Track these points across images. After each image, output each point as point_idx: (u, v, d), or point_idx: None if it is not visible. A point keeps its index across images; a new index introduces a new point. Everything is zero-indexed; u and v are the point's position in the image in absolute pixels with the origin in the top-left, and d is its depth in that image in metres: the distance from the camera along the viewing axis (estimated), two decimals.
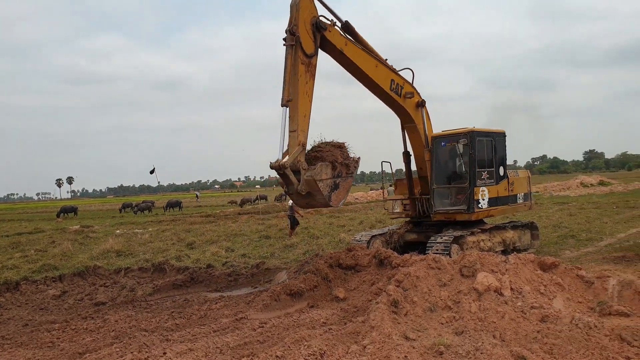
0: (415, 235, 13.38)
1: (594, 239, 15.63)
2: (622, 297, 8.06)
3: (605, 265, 10.39)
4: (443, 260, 8.65)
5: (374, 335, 6.41)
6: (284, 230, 21.82)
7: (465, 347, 6.25)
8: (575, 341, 6.37)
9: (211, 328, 7.86)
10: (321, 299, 9.22)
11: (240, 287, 11.18)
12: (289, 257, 14.65)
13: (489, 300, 7.55)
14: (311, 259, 10.74)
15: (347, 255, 10.42)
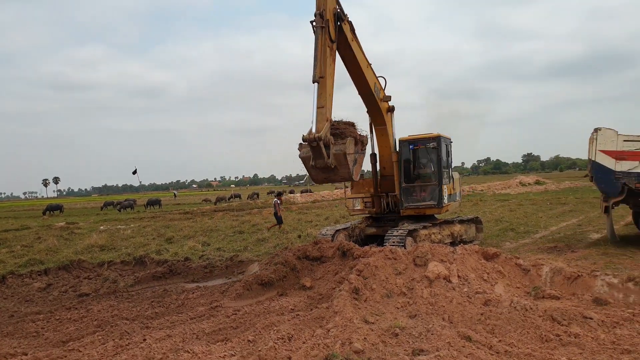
0: (374, 229, 13.49)
1: (530, 231, 15.88)
2: (554, 283, 8.27)
3: (540, 254, 10.58)
4: (398, 251, 8.73)
5: (337, 320, 6.41)
6: (256, 225, 21.65)
7: (418, 328, 6.31)
8: (513, 322, 6.49)
9: (188, 316, 7.74)
10: (290, 287, 9.18)
11: (216, 278, 11.03)
12: (260, 250, 14.53)
13: (439, 287, 7.64)
14: (281, 252, 10.68)
15: (314, 248, 10.40)
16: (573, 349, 5.64)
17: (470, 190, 43.61)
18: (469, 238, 13.85)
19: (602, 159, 11.03)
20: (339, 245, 10.13)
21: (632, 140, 10.86)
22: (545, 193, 37.76)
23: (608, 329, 6.19)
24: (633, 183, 10.79)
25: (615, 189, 10.99)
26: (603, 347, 5.63)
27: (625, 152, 10.84)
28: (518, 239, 14.57)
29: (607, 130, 11.04)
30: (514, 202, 28.57)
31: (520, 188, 46.85)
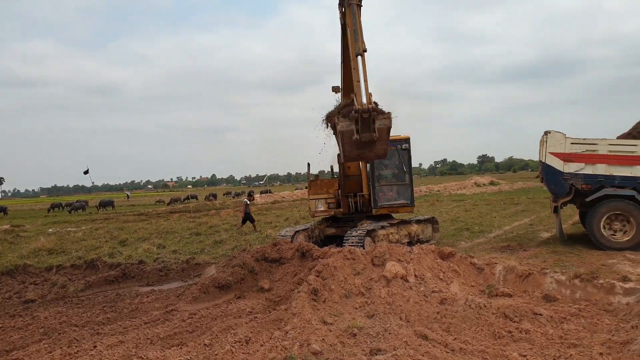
0: (334, 230, 13.58)
1: (484, 231, 16.24)
2: (507, 281, 8.56)
3: (494, 253, 10.84)
4: (357, 252, 8.81)
5: (295, 321, 6.41)
6: (214, 227, 21.38)
7: (376, 328, 6.38)
8: (468, 320, 6.66)
9: (142, 320, 7.53)
10: (248, 290, 9.10)
11: (171, 281, 10.79)
12: (218, 252, 14.33)
13: (396, 286, 7.77)
14: (239, 254, 10.55)
15: (273, 249, 10.35)
16: (524, 344, 5.84)
17: (427, 191, 44.51)
18: (425, 238, 14.11)
19: (552, 160, 11.50)
20: (298, 247, 10.12)
21: (579, 143, 11.38)
22: (499, 193, 38.74)
23: (556, 324, 6.46)
24: (579, 184, 11.30)
25: (564, 189, 11.47)
26: (551, 342, 5.86)
27: (572, 154, 11.34)
28: (473, 239, 14.89)
29: (556, 133, 11.52)
30: (469, 202, 29.18)
31: (475, 188, 47.85)
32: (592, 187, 11.27)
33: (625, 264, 8.99)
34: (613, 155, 11.14)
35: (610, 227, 11.17)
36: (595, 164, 11.22)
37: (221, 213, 30.27)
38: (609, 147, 11.23)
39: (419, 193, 41.61)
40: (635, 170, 10.92)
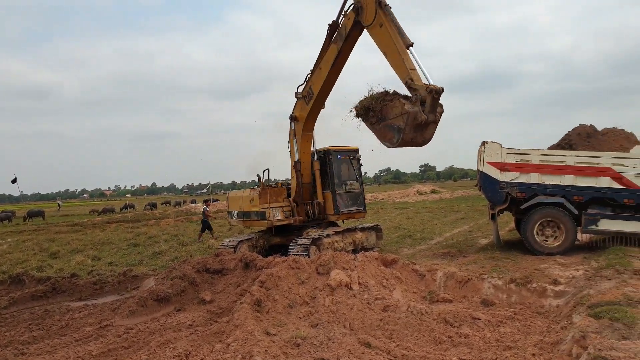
0: (279, 239, 13.52)
1: (426, 238, 16.67)
2: (447, 287, 8.82)
3: (435, 260, 11.17)
4: (302, 261, 8.81)
5: (238, 333, 6.32)
6: (153, 237, 20.71)
7: (320, 337, 6.39)
8: (410, 326, 6.81)
9: (73, 338, 7.15)
10: (188, 302, 8.89)
11: (106, 295, 10.32)
12: (157, 264, 13.88)
13: (341, 294, 7.82)
14: (179, 265, 10.29)
15: (215, 260, 10.19)
16: (463, 348, 6.03)
17: (372, 199, 45.16)
18: (369, 245, 14.30)
19: (489, 169, 12.02)
20: (241, 257, 10.02)
21: (514, 152, 11.96)
22: (440, 201, 39.85)
23: (493, 328, 6.72)
24: (515, 192, 11.87)
25: (500, 197, 12.00)
26: (489, 345, 6.09)
27: (508, 163, 11.90)
28: (415, 245, 15.23)
29: (493, 144, 12.06)
30: (412, 210, 29.84)
31: (417, 197, 48.87)
32: (526, 195, 11.83)
33: (556, 268, 9.49)
34: (545, 164, 11.74)
35: (543, 233, 11.76)
36: (529, 173, 11.79)
37: (161, 223, 29.41)
38: (541, 157, 11.83)
39: None
40: (564, 179, 11.55)
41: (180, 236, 20.89)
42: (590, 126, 13.54)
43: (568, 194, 11.52)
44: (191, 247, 17.15)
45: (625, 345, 4.57)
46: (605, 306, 5.88)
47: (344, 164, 14.01)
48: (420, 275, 9.16)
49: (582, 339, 4.86)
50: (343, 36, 11.63)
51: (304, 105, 13.08)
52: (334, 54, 11.92)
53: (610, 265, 8.72)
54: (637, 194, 11.02)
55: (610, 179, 11.18)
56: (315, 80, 12.59)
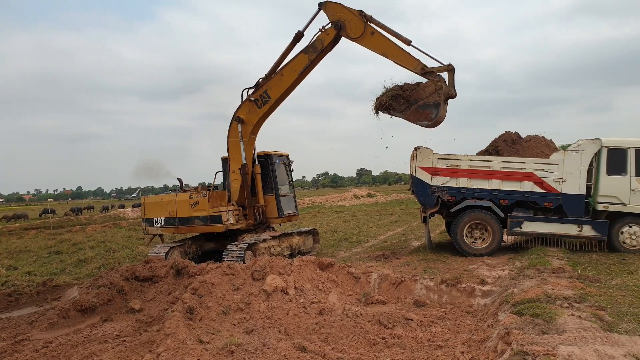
0: (212, 245, 13.30)
1: (362, 241, 16.99)
2: (381, 288, 9.04)
3: (370, 262, 11.37)
4: (236, 266, 8.72)
5: (169, 342, 6.16)
6: (78, 244, 19.67)
7: (254, 344, 6.36)
8: (345, 328, 6.92)
9: None
10: (116, 312, 8.53)
11: (23, 307, 9.62)
12: (82, 272, 13.19)
13: (276, 300, 7.81)
14: (106, 273, 9.85)
15: (144, 267, 9.84)
16: (396, 349, 6.21)
17: (309, 203, 45.38)
18: (306, 249, 14.40)
19: (421, 174, 12.49)
20: (172, 264, 9.75)
21: (444, 158, 12.51)
22: (376, 205, 40.53)
23: (425, 328, 6.97)
24: (445, 196, 12.38)
25: (432, 201, 12.48)
26: (421, 345, 6.31)
27: (439, 168, 12.42)
28: (351, 248, 15.49)
29: (425, 149, 12.54)
30: (349, 214, 30.27)
31: (354, 200, 49.51)
32: (456, 199, 12.40)
33: (483, 268, 9.98)
34: (473, 169, 12.36)
35: (472, 235, 12.33)
36: (458, 177, 12.37)
37: (87, 229, 28.02)
38: (470, 162, 12.44)
39: (302, 205, 42.41)
40: (491, 183, 12.20)
41: (108, 242, 20.01)
42: (515, 133, 14.34)
43: (495, 197, 12.16)
44: (120, 254, 16.49)
45: (545, 339, 4.88)
46: (527, 304, 6.24)
47: (280, 169, 14.35)
48: (356, 278, 9.32)
49: (506, 336, 5.13)
50: (318, 49, 12.41)
51: (254, 109, 13.12)
52: (304, 63, 12.51)
53: (532, 264, 9.28)
54: (556, 197, 11.83)
55: (532, 183, 11.93)
56: (274, 86, 12.87)
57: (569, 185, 11.78)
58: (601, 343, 4.63)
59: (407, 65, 11.79)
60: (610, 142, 11.82)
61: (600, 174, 11.75)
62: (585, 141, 11.94)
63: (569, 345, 4.58)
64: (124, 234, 24.34)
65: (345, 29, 12.06)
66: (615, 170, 11.66)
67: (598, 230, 11.64)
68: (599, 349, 4.44)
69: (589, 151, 11.80)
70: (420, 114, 11.56)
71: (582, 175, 11.79)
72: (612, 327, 5.27)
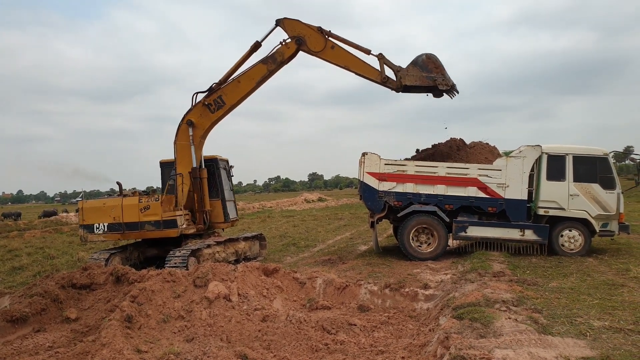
0: (155, 251, 12.87)
1: (310, 245, 16.87)
2: (326, 293, 8.96)
3: (316, 267, 11.34)
4: (178, 273, 8.45)
5: (105, 353, 5.88)
6: (14, 251, 18.56)
7: (194, 352, 6.19)
8: (288, 335, 6.81)
9: None
10: (50, 322, 8.07)
11: None
12: (15, 280, 12.43)
13: (219, 307, 7.60)
14: (40, 281, 9.30)
15: (82, 274, 9.35)
16: (338, 355, 6.14)
17: (260, 207, 44.94)
18: (253, 254, 14.18)
19: (368, 179, 12.54)
20: (112, 270, 9.32)
21: (391, 164, 12.61)
22: (326, 209, 40.69)
23: (368, 333, 6.94)
24: (392, 201, 12.48)
25: (379, 206, 12.55)
26: (363, 351, 6.27)
27: (386, 174, 12.51)
28: (299, 253, 15.37)
29: (372, 155, 12.61)
30: (299, 218, 30.13)
31: (305, 204, 49.35)
32: (403, 204, 12.50)
33: (427, 272, 10.09)
34: (419, 175, 12.49)
35: (418, 239, 12.48)
36: (405, 183, 12.47)
37: (25, 235, 26.58)
38: (415, 168, 12.58)
39: (252, 210, 41.99)
40: (436, 189, 12.38)
41: (47, 248, 18.99)
42: (460, 139, 14.67)
43: (440, 202, 12.34)
44: (58, 260, 15.69)
45: (482, 343, 4.93)
46: (467, 307, 6.32)
47: (224, 173, 14.18)
48: (301, 283, 9.20)
49: (446, 340, 5.16)
50: (277, 61, 12.74)
51: (206, 113, 12.96)
52: (262, 73, 12.76)
53: (474, 268, 9.47)
54: (500, 202, 12.14)
55: (477, 188, 12.17)
56: (229, 92, 12.90)
57: (511, 191, 12.08)
58: (535, 345, 4.72)
59: (369, 75, 12.46)
60: (550, 148, 12.20)
61: (540, 180, 12.11)
62: (526, 147, 12.28)
63: (505, 349, 4.65)
64: (65, 239, 23.22)
65: (306, 44, 12.49)
66: (555, 176, 12.04)
67: (539, 234, 11.98)
68: (533, 351, 4.52)
69: (530, 157, 12.16)
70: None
71: (524, 180, 12.12)
72: (546, 329, 5.39)
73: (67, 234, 26.45)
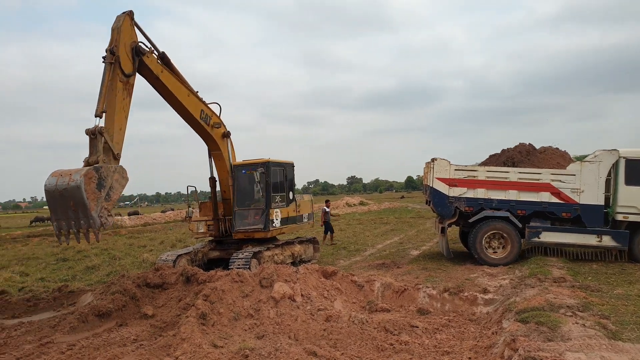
0: (218, 253, 13.36)
1: (360, 249, 17.01)
2: (385, 296, 9.17)
3: (371, 271, 11.51)
4: (245, 274, 8.81)
5: (185, 347, 6.27)
6: (82, 252, 19.60)
7: (267, 348, 6.47)
8: (353, 335, 7.05)
9: (13, 356, 6.71)
10: (130, 317, 8.61)
11: (42, 311, 9.67)
12: (92, 279, 13.22)
13: (284, 306, 7.92)
14: (117, 280, 9.92)
15: (155, 274, 9.93)
16: (405, 355, 6.35)
17: None
18: (307, 257, 14.48)
19: (438, 185, 12.53)
20: (182, 271, 9.84)
21: (461, 169, 12.56)
22: (369, 213, 40.58)
23: (431, 334, 7.11)
24: (463, 207, 12.45)
25: (449, 211, 12.53)
26: (428, 351, 6.45)
27: (456, 179, 12.47)
28: (350, 257, 15.54)
29: (441, 161, 12.61)
30: (343, 222, 30.21)
31: (347, 208, 49.10)
32: (474, 209, 12.45)
33: (484, 277, 10.14)
34: (490, 180, 12.40)
35: (490, 245, 12.37)
36: (476, 188, 12.41)
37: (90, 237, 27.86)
38: (486, 173, 12.49)
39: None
40: (508, 194, 12.25)
41: (111, 250, 19.96)
42: (530, 144, 14.49)
43: (512, 208, 12.20)
44: (125, 260, 16.50)
45: (551, 346, 5.05)
46: (531, 312, 6.41)
47: (251, 179, 13.37)
48: (359, 286, 9.44)
49: (513, 342, 5.30)
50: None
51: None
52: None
53: (533, 274, 9.44)
54: (574, 207, 11.85)
55: (550, 194, 11.98)
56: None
57: (586, 196, 11.80)
58: (606, 350, 4.80)
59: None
60: (628, 152, 11.88)
61: (618, 185, 11.79)
62: (602, 152, 11.97)
63: (576, 352, 4.75)
64: (125, 241, 24.25)
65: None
66: (634, 180, 11.68)
67: (618, 240, 11.66)
68: (605, 356, 4.62)
69: (606, 162, 11.86)
70: None
71: (601, 185, 11.80)
72: (616, 335, 5.44)
73: (125, 237, 27.57)
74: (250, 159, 13.60)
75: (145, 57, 10.06)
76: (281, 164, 13.82)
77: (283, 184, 13.71)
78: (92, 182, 8.01)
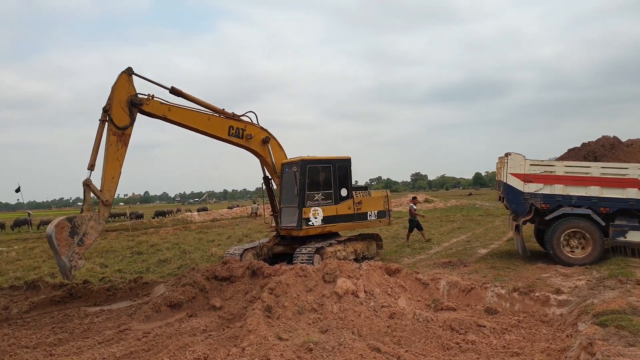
0: (282, 248, 13.64)
1: (425, 247, 16.68)
2: (451, 295, 8.97)
3: (436, 269, 11.28)
4: (309, 269, 8.91)
5: (252, 338, 6.44)
6: (155, 246, 20.68)
7: (331, 343, 6.52)
8: (417, 333, 6.96)
9: (95, 340, 7.26)
10: (199, 308, 8.99)
11: (120, 300, 10.37)
12: (164, 271, 13.95)
13: (348, 302, 7.94)
14: (188, 272, 10.39)
15: (223, 267, 10.29)
16: (471, 354, 6.18)
17: None
18: (370, 254, 14.40)
19: (512, 181, 11.96)
20: (248, 265, 10.13)
21: (537, 164, 11.93)
22: (435, 211, 39.77)
23: (499, 335, 6.88)
24: (539, 203, 11.84)
25: (524, 208, 11.94)
26: (496, 352, 6.24)
27: (532, 175, 11.84)
28: (415, 255, 15.30)
29: (516, 155, 12.03)
30: (407, 219, 29.72)
31: None
32: (551, 206, 11.81)
33: (558, 277, 9.65)
34: (569, 176, 11.71)
35: (568, 244, 11.72)
36: (553, 184, 11.77)
37: (160, 232, 29.42)
38: (565, 168, 11.81)
39: None
40: (590, 190, 11.53)
41: (181, 244, 20.91)
42: (614, 137, 13.61)
43: (594, 205, 11.50)
44: (194, 254, 17.21)
45: (633, 351, 4.73)
46: (611, 315, 6.03)
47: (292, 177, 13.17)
48: (424, 284, 9.28)
49: (590, 346, 5.02)
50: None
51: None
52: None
53: (613, 275, 8.87)
54: None
55: (637, 190, 11.17)
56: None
57: None
58: None
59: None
60: None
61: None
62: None
63: None
64: (194, 236, 25.28)
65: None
66: None
67: None
68: None
69: None
70: None
71: None
72: None
73: (195, 231, 28.73)
74: (293, 157, 13.56)
75: (144, 107, 10.70)
76: (323, 161, 13.37)
77: (329, 181, 13.29)
78: (64, 230, 9.17)
